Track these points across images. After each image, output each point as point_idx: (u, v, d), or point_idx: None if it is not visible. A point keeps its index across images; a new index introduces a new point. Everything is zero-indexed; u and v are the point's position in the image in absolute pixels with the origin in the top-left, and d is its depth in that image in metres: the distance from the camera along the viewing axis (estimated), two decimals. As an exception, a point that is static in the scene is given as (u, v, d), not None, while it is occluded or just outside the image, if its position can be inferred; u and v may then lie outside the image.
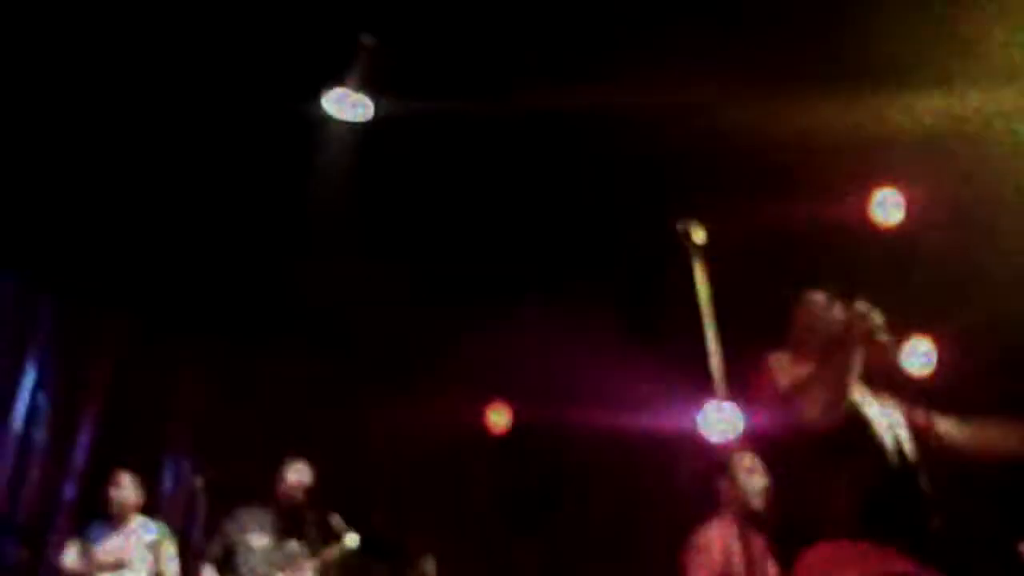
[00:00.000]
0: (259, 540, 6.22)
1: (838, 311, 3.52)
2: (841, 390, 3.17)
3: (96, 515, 6.39)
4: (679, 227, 3.60)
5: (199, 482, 6.41)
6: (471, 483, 9.03)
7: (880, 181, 6.69)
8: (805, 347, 3.50)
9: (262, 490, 6.41)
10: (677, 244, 3.63)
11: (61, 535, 6.81)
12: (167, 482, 7.75)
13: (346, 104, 6.13)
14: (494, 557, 8.47)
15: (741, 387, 3.39)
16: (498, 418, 8.67)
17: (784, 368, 3.39)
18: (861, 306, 3.29)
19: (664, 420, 7.63)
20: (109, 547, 6.13)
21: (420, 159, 6.65)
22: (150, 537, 6.18)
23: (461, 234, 7.25)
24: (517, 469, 8.75)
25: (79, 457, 7.44)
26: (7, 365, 7.30)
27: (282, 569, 6.14)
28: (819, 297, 3.66)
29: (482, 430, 8.75)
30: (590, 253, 7.16)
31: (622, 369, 7.21)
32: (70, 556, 6.05)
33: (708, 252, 3.59)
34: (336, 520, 6.32)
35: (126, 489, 6.27)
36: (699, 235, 3.63)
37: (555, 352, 7.54)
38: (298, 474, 6.43)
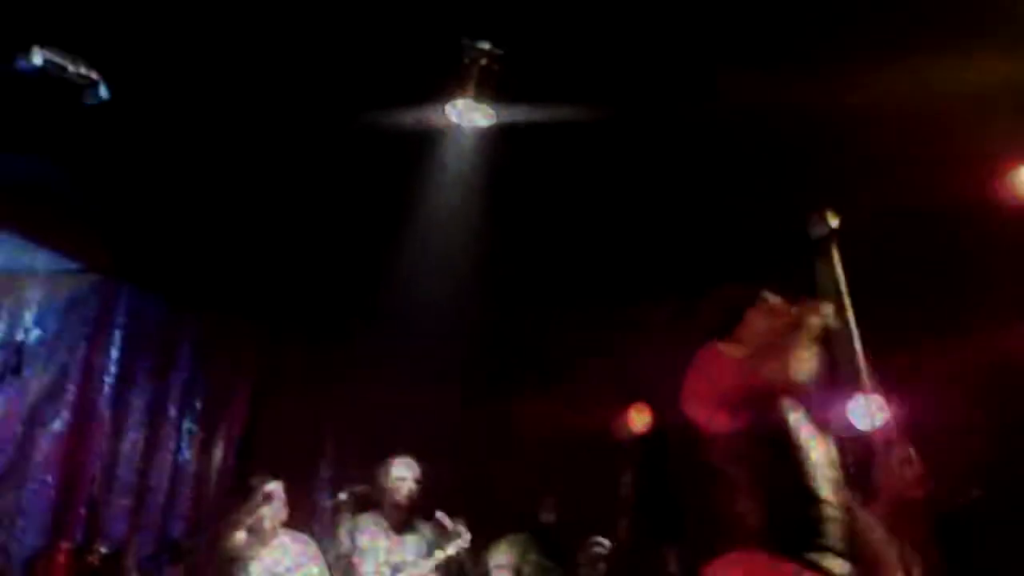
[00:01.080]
0: (376, 542, 6.27)
1: (795, 312, 3.42)
2: (799, 361, 3.11)
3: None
4: (813, 215, 3.52)
5: (343, 495, 6.41)
6: (612, 483, 8.98)
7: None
8: (755, 346, 3.36)
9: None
10: (812, 233, 3.56)
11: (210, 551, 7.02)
12: (312, 495, 7.88)
13: (469, 112, 6.15)
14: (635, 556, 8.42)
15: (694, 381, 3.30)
16: (638, 419, 8.62)
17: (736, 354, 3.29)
18: (821, 306, 3.31)
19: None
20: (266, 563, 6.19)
21: (548, 164, 6.63)
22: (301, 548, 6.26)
23: (597, 237, 7.22)
24: (657, 469, 8.68)
25: (224, 473, 7.64)
26: (155, 386, 7.54)
27: (400, 570, 6.17)
28: (776, 299, 3.56)
29: (623, 431, 8.70)
30: (723, 250, 7.04)
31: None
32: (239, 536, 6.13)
33: (843, 239, 3.50)
34: (447, 519, 6.33)
35: (276, 503, 6.36)
36: (833, 222, 3.54)
37: (693, 351, 7.45)
38: (402, 470, 6.45)
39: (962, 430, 6.49)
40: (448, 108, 6.12)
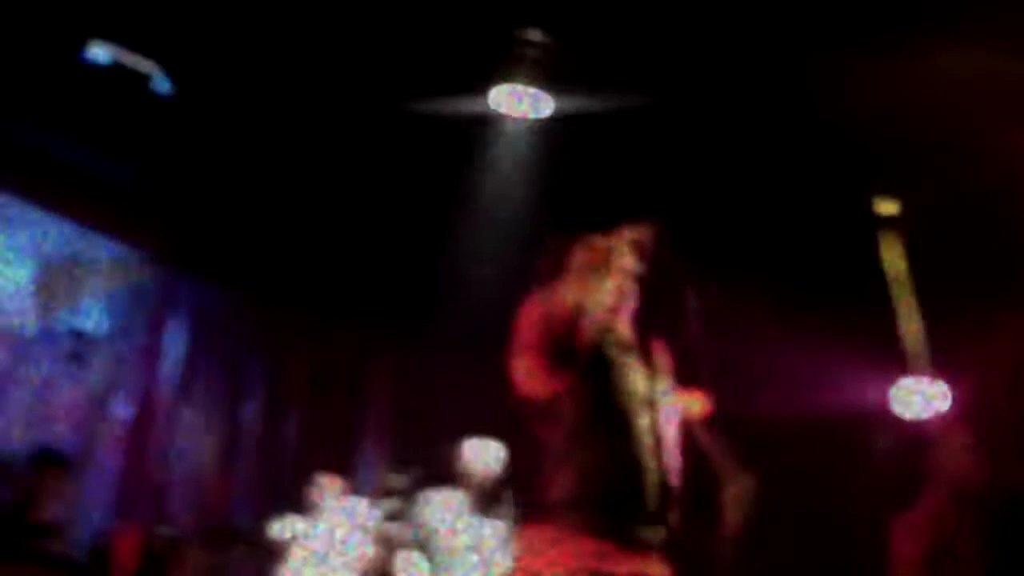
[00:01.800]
0: (454, 523, 6.27)
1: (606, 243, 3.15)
2: (601, 284, 2.93)
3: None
4: (872, 200, 3.50)
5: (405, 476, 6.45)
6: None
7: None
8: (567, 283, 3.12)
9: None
10: (869, 218, 3.55)
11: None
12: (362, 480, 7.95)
13: (518, 100, 6.16)
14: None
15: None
16: (695, 406, 8.59)
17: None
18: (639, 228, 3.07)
19: (859, 399, 7.44)
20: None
21: (602, 150, 6.64)
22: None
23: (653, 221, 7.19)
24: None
25: (285, 458, 7.74)
26: (216, 373, 7.67)
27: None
28: (596, 236, 3.25)
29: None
30: (777, 233, 7.01)
31: (812, 350, 7.05)
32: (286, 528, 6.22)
33: (903, 225, 3.48)
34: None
35: (330, 490, 6.41)
36: (892, 208, 3.53)
37: (743, 337, 7.44)
38: (474, 451, 6.47)
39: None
40: (499, 96, 6.14)
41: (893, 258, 3.15)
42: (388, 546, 6.10)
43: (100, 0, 5.79)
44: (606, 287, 2.92)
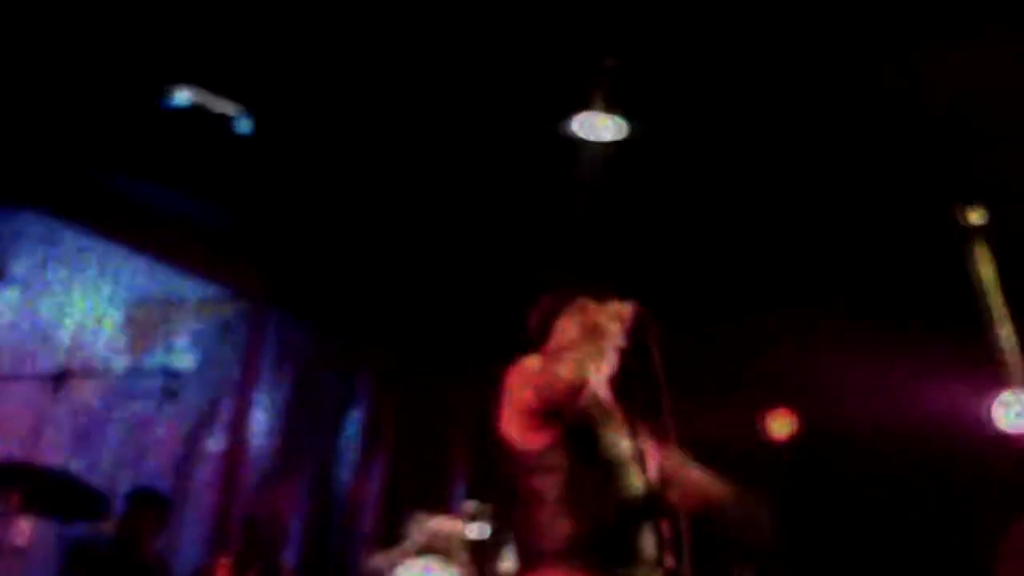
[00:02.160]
0: None
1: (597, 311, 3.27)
2: (597, 357, 3.04)
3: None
4: (958, 210, 3.43)
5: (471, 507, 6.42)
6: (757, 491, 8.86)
7: None
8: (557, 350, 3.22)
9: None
10: (956, 229, 3.47)
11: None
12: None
13: (595, 126, 6.17)
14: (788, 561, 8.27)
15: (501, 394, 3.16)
16: (782, 426, 8.48)
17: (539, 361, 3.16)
18: (621, 304, 3.20)
19: (954, 415, 7.26)
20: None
21: (677, 175, 6.61)
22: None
23: (734, 246, 7.14)
24: (804, 476, 8.53)
25: (375, 491, 7.80)
26: (306, 408, 7.76)
27: None
28: (586, 301, 3.35)
29: (766, 438, 8.58)
30: (863, 249, 6.89)
31: (903, 366, 6.92)
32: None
33: (990, 234, 3.40)
34: None
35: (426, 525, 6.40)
36: (979, 217, 3.45)
37: (835, 355, 7.33)
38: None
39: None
40: (576, 122, 6.16)
41: (983, 268, 3.08)
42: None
43: (180, 46, 5.93)
44: (596, 355, 3.04)
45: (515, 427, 3.06)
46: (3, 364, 6.18)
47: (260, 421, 7.50)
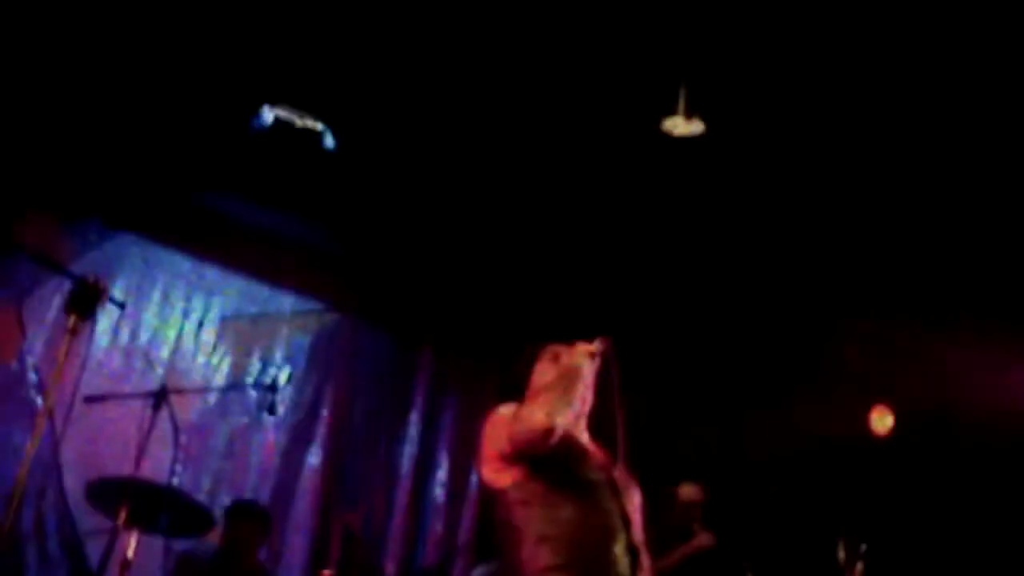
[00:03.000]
0: None
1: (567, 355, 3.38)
2: (568, 398, 3.15)
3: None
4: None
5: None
6: (856, 489, 8.67)
7: None
8: (537, 395, 3.29)
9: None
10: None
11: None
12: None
13: (681, 125, 6.12)
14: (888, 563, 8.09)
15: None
16: (881, 421, 8.30)
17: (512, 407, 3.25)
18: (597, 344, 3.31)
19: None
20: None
21: (765, 170, 6.53)
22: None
23: (826, 239, 7.04)
24: (904, 473, 8.33)
25: (470, 504, 7.82)
26: (399, 419, 7.82)
27: None
28: (558, 347, 3.46)
29: (866, 434, 8.40)
30: (961, 243, 6.72)
31: (1007, 359, 6.74)
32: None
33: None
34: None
35: None
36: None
37: (935, 349, 7.16)
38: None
39: None
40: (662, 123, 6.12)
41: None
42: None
43: (267, 66, 6.05)
44: (566, 398, 3.16)
45: (488, 470, 3.19)
46: (105, 384, 6.34)
47: (356, 434, 7.57)
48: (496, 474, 3.15)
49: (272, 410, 6.33)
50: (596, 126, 6.18)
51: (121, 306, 4.76)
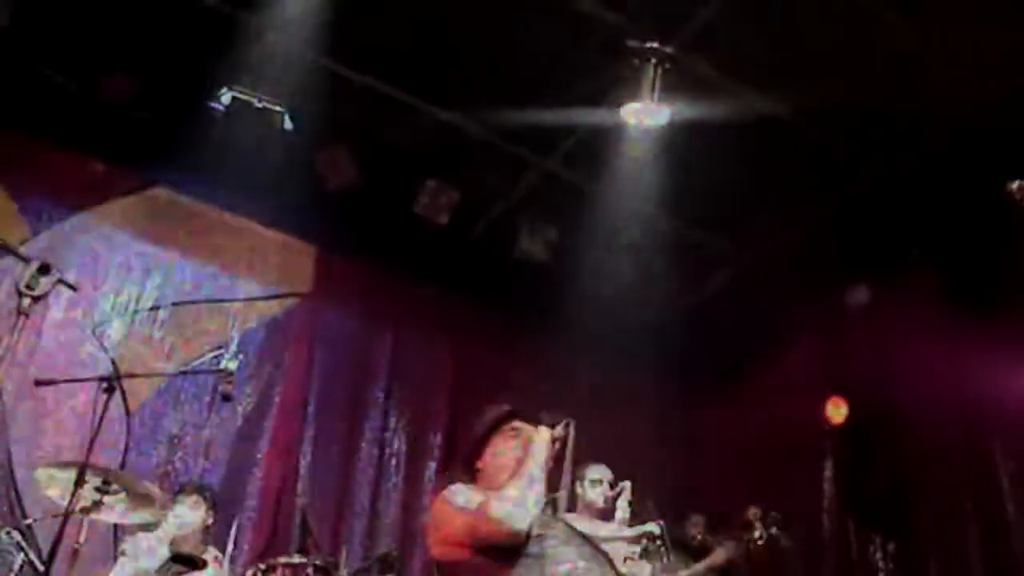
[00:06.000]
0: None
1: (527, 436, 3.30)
2: (536, 495, 3.08)
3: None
4: (1011, 187, 3.35)
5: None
6: (812, 479, 8.77)
7: None
8: (487, 476, 3.28)
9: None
10: (1011, 206, 3.39)
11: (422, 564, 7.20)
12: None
13: (644, 113, 6.15)
14: (841, 554, 8.18)
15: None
16: (836, 411, 8.38)
17: (468, 493, 3.17)
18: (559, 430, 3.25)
19: (1015, 400, 7.13)
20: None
21: (729, 155, 6.58)
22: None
23: (783, 229, 7.12)
24: (860, 463, 8.42)
25: (429, 484, 7.81)
26: (356, 402, 7.79)
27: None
28: (519, 423, 3.37)
29: (821, 424, 8.48)
30: (916, 231, 6.82)
31: (960, 348, 6.82)
32: None
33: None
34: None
35: None
36: (1029, 192, 3.36)
37: (890, 338, 7.24)
38: (596, 474, 6.42)
39: None
40: (624, 109, 6.15)
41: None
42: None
43: (225, 49, 6.00)
44: (537, 490, 3.10)
45: (441, 550, 3.12)
46: (56, 368, 6.25)
47: (311, 419, 7.53)
48: (450, 554, 3.09)
49: (226, 396, 6.25)
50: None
51: (73, 288, 4.68)
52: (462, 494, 3.14)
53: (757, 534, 6.84)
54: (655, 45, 5.84)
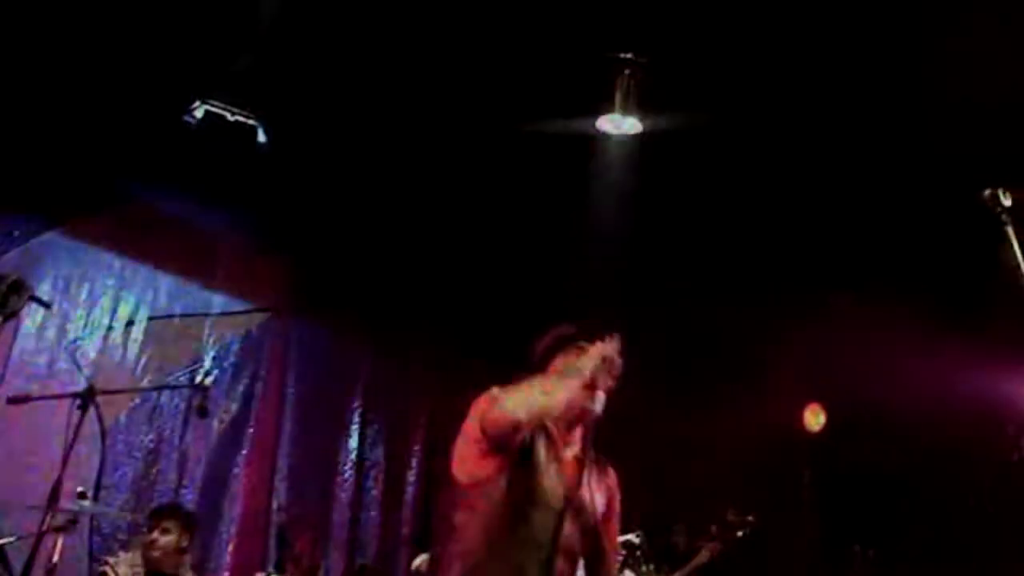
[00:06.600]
0: None
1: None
2: (553, 400, 3.06)
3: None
4: (986, 195, 3.34)
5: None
6: (789, 485, 8.80)
7: None
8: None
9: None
10: (987, 214, 3.39)
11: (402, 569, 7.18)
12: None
13: (618, 122, 6.16)
14: (821, 560, 8.20)
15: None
16: (814, 419, 8.42)
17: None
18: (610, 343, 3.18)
19: (994, 405, 7.17)
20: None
21: (706, 166, 6.59)
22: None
23: (763, 237, 7.12)
24: (837, 469, 8.45)
25: (409, 494, 7.79)
26: (333, 417, 7.75)
27: None
28: (585, 343, 3.31)
29: (798, 431, 8.51)
30: (896, 239, 6.84)
31: (942, 356, 6.85)
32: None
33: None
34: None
35: None
36: (1008, 201, 3.36)
37: (870, 346, 7.26)
38: None
39: None
40: (598, 120, 6.15)
41: (1016, 253, 3.01)
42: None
43: (200, 62, 5.96)
44: (552, 394, 3.07)
45: (461, 454, 3.11)
46: (30, 385, 6.20)
47: (287, 433, 7.48)
48: (466, 463, 3.08)
49: (202, 412, 6.21)
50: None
51: (47, 306, 4.64)
52: (495, 392, 3.14)
53: (740, 534, 6.89)
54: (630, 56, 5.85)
